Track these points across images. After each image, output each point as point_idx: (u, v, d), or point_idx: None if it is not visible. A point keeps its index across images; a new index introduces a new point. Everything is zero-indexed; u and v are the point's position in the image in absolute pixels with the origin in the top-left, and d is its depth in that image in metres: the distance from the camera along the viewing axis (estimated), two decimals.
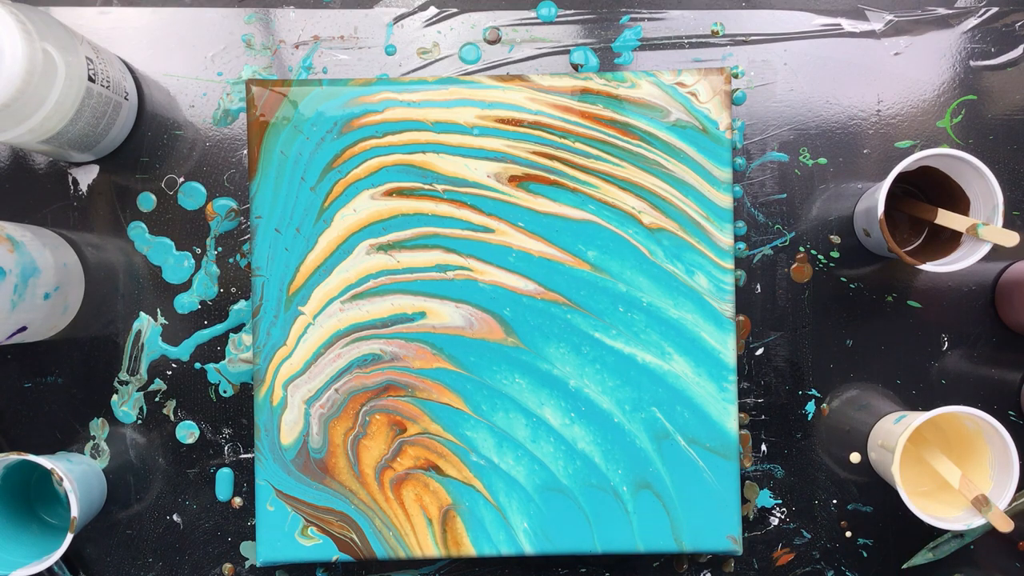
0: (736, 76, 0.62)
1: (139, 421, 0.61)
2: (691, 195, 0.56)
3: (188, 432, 0.61)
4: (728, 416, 0.56)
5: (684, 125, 0.56)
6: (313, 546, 0.56)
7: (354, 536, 0.56)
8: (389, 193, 0.57)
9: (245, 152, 0.62)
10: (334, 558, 0.56)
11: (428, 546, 0.56)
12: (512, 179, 0.56)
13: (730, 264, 0.56)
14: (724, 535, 0.56)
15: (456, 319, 0.56)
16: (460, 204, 0.56)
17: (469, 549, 0.56)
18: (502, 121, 0.56)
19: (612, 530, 0.56)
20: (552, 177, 0.56)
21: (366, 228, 0.57)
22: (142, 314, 0.61)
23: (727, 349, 0.56)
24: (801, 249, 0.62)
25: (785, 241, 0.62)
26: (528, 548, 0.56)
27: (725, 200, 0.56)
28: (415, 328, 0.56)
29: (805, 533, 0.62)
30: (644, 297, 0.56)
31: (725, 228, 0.56)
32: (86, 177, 0.61)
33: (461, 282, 0.56)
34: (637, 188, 0.56)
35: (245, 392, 0.62)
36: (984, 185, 0.54)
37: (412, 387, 0.56)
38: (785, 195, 0.62)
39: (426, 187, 0.56)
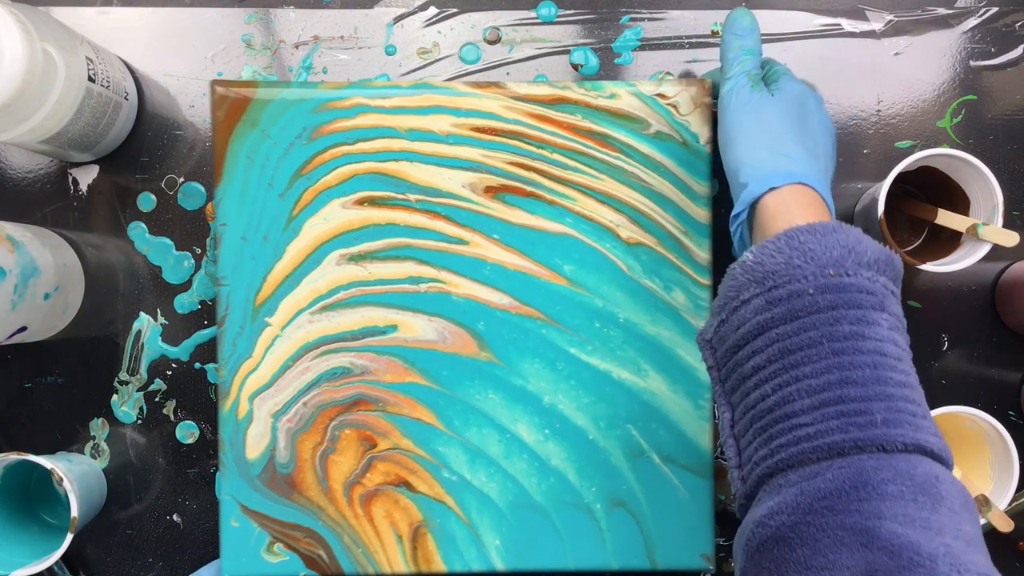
0: None
1: (139, 421, 0.61)
2: (670, 209, 0.55)
3: (188, 432, 0.61)
4: (703, 434, 0.55)
5: (664, 138, 0.55)
6: (279, 562, 0.55)
7: (322, 552, 0.55)
8: (360, 202, 0.55)
9: None
10: (301, 575, 0.55)
11: (398, 563, 0.55)
12: (488, 190, 0.55)
13: (707, 280, 0.55)
14: (697, 553, 0.55)
15: (429, 332, 0.55)
16: (434, 215, 0.55)
17: (440, 566, 0.55)
18: (478, 130, 0.55)
19: (585, 547, 0.55)
20: (529, 189, 0.55)
21: (336, 238, 0.55)
22: (142, 314, 0.61)
23: (704, 366, 0.55)
24: None
25: None
26: (499, 565, 0.55)
27: (703, 215, 0.55)
28: (386, 341, 0.55)
29: None
30: (621, 313, 0.55)
31: (703, 243, 0.55)
32: (86, 177, 0.61)
33: (434, 295, 0.55)
34: (615, 201, 0.55)
35: None
36: (984, 185, 0.54)
37: (383, 401, 0.55)
38: None
39: (399, 196, 0.55)
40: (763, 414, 0.39)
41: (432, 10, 0.61)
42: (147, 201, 0.61)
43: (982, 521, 0.53)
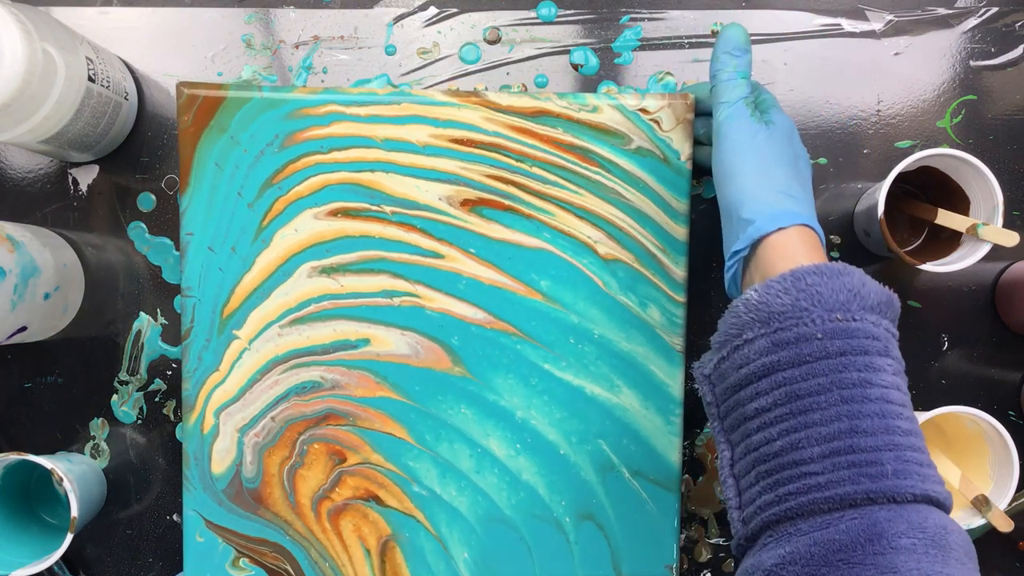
0: None
1: (139, 421, 0.60)
2: (648, 226, 0.55)
3: None
4: (673, 449, 0.56)
5: (645, 153, 0.54)
6: None
7: (288, 568, 0.54)
8: (334, 213, 0.53)
9: None
10: None
11: None
12: (465, 203, 0.54)
13: (682, 298, 0.55)
14: (662, 564, 0.56)
15: (401, 347, 0.54)
16: (409, 227, 0.54)
17: None
18: (456, 141, 0.53)
19: (553, 560, 0.56)
20: (507, 202, 0.54)
21: (308, 249, 0.53)
22: (142, 314, 0.60)
23: (675, 383, 0.55)
24: None
25: None
26: None
27: (681, 232, 0.55)
28: (358, 355, 0.54)
29: None
30: (596, 329, 0.55)
31: (680, 261, 0.55)
32: (86, 177, 0.60)
33: (408, 309, 0.54)
34: (594, 217, 0.54)
35: None
36: (984, 185, 0.54)
37: (353, 416, 0.54)
38: None
39: (373, 208, 0.53)
40: (768, 457, 0.39)
41: (432, 10, 0.60)
42: (147, 201, 0.60)
43: (982, 521, 0.54)
